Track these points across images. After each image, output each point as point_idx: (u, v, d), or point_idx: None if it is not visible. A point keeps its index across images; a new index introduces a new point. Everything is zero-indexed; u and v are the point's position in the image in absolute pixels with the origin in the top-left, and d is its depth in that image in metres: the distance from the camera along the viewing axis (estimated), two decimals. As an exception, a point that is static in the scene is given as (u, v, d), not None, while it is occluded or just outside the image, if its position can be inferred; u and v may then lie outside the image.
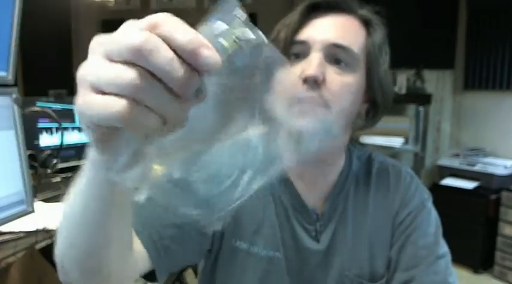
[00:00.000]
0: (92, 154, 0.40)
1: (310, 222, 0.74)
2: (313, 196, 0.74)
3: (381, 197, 0.76)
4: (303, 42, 0.64)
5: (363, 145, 2.99)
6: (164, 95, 0.28)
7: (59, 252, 0.49)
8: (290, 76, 0.60)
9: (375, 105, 0.71)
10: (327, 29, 0.64)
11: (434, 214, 0.76)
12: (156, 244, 0.60)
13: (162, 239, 0.61)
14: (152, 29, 0.29)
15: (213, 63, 0.29)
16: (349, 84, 0.64)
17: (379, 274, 0.73)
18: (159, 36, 0.28)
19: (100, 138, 0.31)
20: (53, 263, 0.47)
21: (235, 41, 0.33)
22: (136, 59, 0.28)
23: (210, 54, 0.29)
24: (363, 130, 0.74)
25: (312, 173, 0.74)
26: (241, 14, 0.34)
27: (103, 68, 0.30)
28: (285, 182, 0.75)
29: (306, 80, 0.61)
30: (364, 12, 0.69)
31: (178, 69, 0.28)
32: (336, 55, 0.63)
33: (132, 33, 0.29)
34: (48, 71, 4.35)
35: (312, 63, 0.62)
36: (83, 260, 0.47)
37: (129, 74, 0.28)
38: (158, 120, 0.29)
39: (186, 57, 0.28)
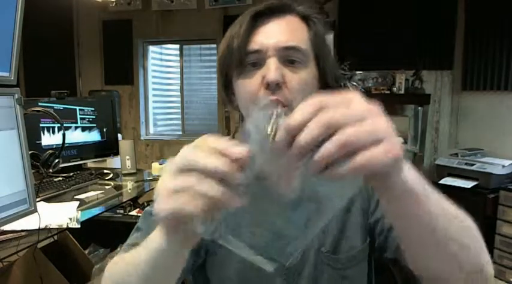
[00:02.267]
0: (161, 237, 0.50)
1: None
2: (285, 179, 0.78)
3: None
4: (257, 51, 0.69)
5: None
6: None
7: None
8: (253, 84, 0.69)
9: (328, 86, 0.76)
10: (275, 34, 0.70)
11: None
12: None
13: None
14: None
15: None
16: (306, 79, 0.70)
17: (354, 247, 0.77)
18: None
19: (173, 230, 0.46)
20: (54, 262, 0.49)
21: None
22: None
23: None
24: None
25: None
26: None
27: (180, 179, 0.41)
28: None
29: (268, 85, 0.67)
30: (302, 9, 0.74)
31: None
32: (289, 56, 0.69)
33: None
34: (50, 71, 4.37)
35: (271, 69, 0.67)
36: None
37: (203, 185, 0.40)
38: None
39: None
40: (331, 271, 0.76)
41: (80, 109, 2.24)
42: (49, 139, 2.06)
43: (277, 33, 0.70)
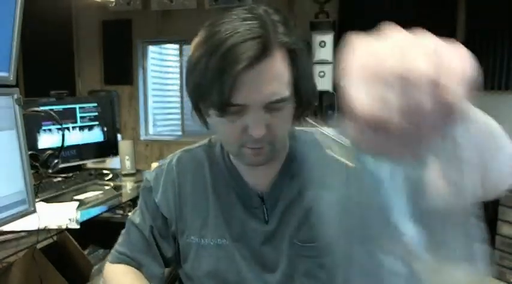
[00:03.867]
0: None
1: (257, 206, 0.80)
2: (262, 184, 0.81)
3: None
4: (240, 105, 0.65)
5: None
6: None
7: None
8: (234, 131, 0.68)
9: (305, 105, 0.74)
10: (259, 87, 0.64)
11: None
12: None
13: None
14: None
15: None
16: (287, 117, 0.71)
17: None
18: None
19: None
20: (53, 263, 0.49)
21: None
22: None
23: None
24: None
25: (258, 169, 0.78)
26: None
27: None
28: (233, 177, 0.82)
29: (251, 136, 0.67)
30: (283, 37, 0.66)
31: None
32: (272, 106, 0.67)
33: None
34: (49, 71, 4.36)
35: (256, 125, 0.66)
36: None
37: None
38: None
39: None
40: (307, 262, 0.77)
41: (79, 110, 2.24)
42: (48, 140, 2.06)
43: (261, 85, 0.64)
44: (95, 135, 2.32)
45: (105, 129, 2.36)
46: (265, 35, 0.64)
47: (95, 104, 2.32)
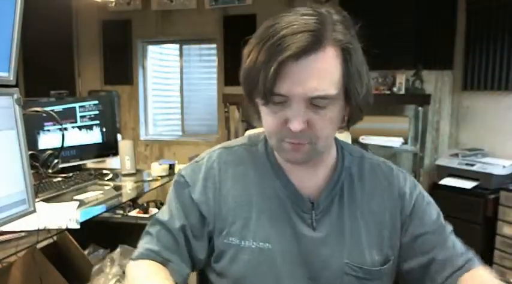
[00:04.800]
0: None
1: (306, 210, 0.78)
2: (308, 187, 0.79)
3: (377, 193, 0.82)
4: (283, 95, 0.66)
5: (362, 145, 2.96)
6: None
7: None
8: (276, 122, 0.69)
9: (355, 110, 0.74)
10: (304, 81, 0.64)
11: (430, 199, 0.85)
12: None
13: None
14: None
15: None
16: (331, 118, 0.69)
17: (376, 261, 0.79)
18: None
19: None
20: (53, 263, 0.48)
21: None
22: None
23: None
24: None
25: (303, 168, 0.79)
26: None
27: None
28: (279, 176, 0.80)
29: (291, 130, 0.67)
30: (339, 35, 0.66)
31: None
32: (315, 102, 0.66)
33: None
34: (49, 71, 4.36)
35: (295, 118, 0.66)
36: None
37: None
38: None
39: None
40: (353, 280, 0.77)
41: (79, 110, 2.23)
42: (48, 140, 2.06)
43: (305, 79, 0.64)
44: (95, 135, 2.32)
45: (105, 129, 2.36)
46: (319, 29, 0.64)
47: (96, 102, 2.32)
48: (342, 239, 0.77)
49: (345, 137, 1.26)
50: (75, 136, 2.23)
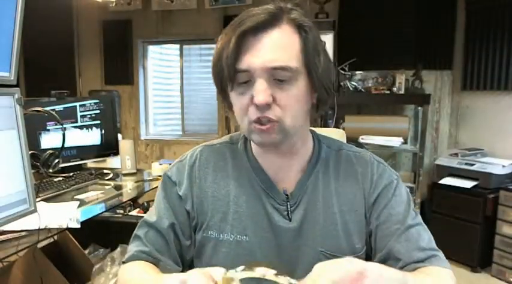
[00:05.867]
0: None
1: (281, 203, 0.80)
2: (283, 179, 0.81)
3: (351, 180, 0.82)
4: (246, 71, 0.70)
5: (362, 144, 2.95)
6: None
7: None
8: (244, 102, 0.71)
9: (322, 94, 0.77)
10: (263, 53, 0.69)
11: (403, 191, 0.82)
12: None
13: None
14: None
15: None
16: (295, 94, 0.71)
17: (357, 248, 0.79)
18: None
19: None
20: (54, 262, 0.49)
21: None
22: None
23: None
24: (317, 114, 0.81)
25: (278, 161, 0.81)
26: None
27: None
28: (255, 170, 0.82)
29: (257, 106, 0.69)
30: (295, 16, 0.72)
31: None
32: (277, 75, 0.69)
33: None
34: (50, 71, 4.37)
35: (259, 91, 0.69)
36: None
37: None
38: None
39: None
40: None
41: (80, 109, 2.24)
42: (49, 140, 2.06)
43: (265, 51, 0.69)
44: (96, 135, 2.32)
45: (106, 128, 2.37)
46: (277, 11, 0.71)
47: (97, 100, 2.32)
48: (316, 228, 0.78)
49: (341, 136, 1.27)
50: (76, 136, 2.23)
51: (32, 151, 1.39)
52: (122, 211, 2.32)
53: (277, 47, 0.69)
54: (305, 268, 0.76)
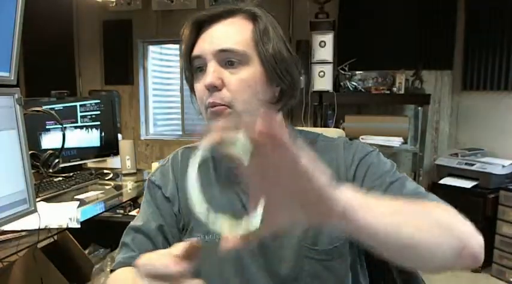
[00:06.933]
0: None
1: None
2: None
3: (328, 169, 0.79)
4: (199, 56, 0.74)
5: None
6: None
7: None
8: (200, 88, 0.74)
9: (283, 87, 0.77)
10: (213, 39, 0.74)
11: (383, 158, 0.79)
12: None
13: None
14: None
15: None
16: (245, 78, 0.73)
17: (339, 238, 0.76)
18: None
19: None
20: (54, 262, 0.49)
21: None
22: None
23: None
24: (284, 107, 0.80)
25: None
26: None
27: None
28: (232, 168, 0.80)
29: (208, 89, 0.72)
30: (248, 6, 0.76)
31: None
32: (226, 58, 0.73)
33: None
34: (50, 71, 4.37)
35: (208, 72, 0.72)
36: None
37: None
38: None
39: None
40: (313, 263, 0.76)
41: (80, 109, 2.24)
42: (49, 140, 2.06)
43: (215, 37, 0.73)
44: (96, 135, 2.32)
45: (106, 128, 2.37)
46: (234, 5, 0.75)
47: (97, 100, 2.32)
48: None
49: (341, 136, 1.26)
50: (76, 136, 2.23)
51: (32, 151, 1.39)
52: (122, 211, 2.31)
53: (227, 33, 0.73)
54: (289, 264, 0.76)
